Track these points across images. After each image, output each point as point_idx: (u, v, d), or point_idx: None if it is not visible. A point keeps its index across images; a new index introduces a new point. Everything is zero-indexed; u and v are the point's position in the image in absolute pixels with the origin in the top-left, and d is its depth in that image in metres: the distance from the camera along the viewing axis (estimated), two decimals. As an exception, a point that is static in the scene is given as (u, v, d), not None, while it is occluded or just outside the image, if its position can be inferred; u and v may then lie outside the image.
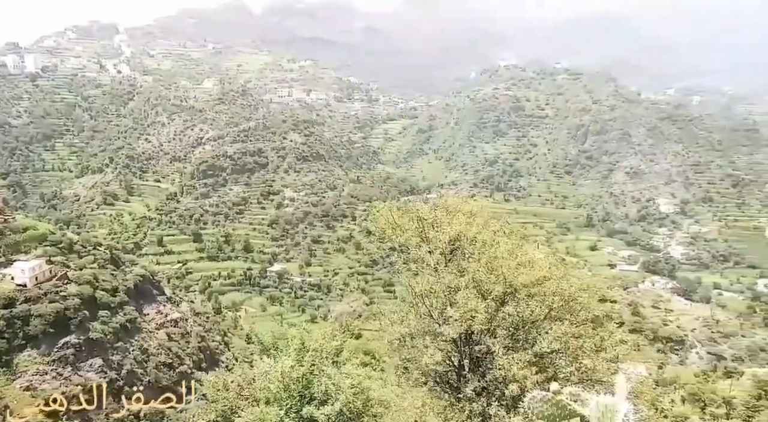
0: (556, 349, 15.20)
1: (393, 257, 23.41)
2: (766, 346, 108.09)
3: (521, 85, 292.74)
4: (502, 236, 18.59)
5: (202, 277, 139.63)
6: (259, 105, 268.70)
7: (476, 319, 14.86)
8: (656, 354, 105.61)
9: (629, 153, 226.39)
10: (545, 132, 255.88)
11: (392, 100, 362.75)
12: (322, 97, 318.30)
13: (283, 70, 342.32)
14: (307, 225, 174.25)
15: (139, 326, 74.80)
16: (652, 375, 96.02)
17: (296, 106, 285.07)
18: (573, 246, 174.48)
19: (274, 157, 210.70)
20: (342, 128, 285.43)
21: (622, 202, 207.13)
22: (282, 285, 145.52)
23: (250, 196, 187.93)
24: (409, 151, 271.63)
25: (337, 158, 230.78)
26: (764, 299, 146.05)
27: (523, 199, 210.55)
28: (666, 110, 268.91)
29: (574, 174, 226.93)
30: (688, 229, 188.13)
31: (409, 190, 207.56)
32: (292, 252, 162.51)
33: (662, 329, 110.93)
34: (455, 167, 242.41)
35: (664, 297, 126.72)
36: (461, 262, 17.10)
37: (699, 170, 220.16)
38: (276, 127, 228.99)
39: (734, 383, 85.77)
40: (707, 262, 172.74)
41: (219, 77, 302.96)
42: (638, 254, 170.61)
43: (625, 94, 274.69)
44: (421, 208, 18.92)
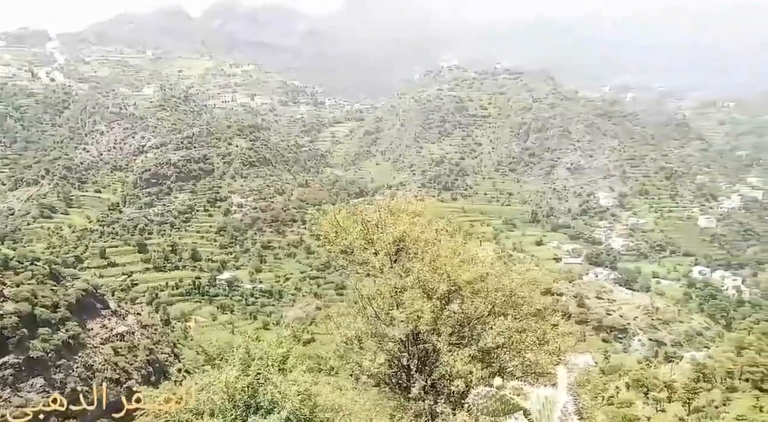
0: (500, 344, 15.41)
1: (339, 261, 23.32)
2: (703, 331, 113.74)
3: (464, 86, 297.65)
4: (444, 234, 18.81)
5: (148, 288, 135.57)
6: (202, 111, 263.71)
7: (422, 319, 15.05)
8: (602, 343, 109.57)
9: (569, 149, 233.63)
10: (489, 131, 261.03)
11: (338, 103, 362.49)
12: (267, 101, 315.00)
13: (225, 74, 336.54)
14: (256, 231, 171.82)
15: (82, 342, 72.01)
16: (599, 363, 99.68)
17: (241, 111, 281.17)
18: (520, 241, 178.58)
19: (220, 163, 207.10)
20: (288, 132, 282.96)
21: (565, 197, 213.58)
22: (232, 293, 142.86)
23: (197, 203, 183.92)
24: (356, 154, 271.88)
25: (285, 162, 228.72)
26: (699, 286, 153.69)
27: (470, 197, 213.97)
28: (602, 107, 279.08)
29: (518, 171, 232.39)
30: (626, 221, 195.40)
31: (358, 193, 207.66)
32: (241, 259, 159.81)
33: (606, 319, 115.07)
34: (403, 168, 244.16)
35: (606, 288, 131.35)
36: (406, 263, 17.19)
37: (634, 164, 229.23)
38: (221, 133, 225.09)
39: (674, 367, 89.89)
40: (645, 252, 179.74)
41: (159, 83, 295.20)
42: (581, 247, 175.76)
43: (564, 92, 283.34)
44: (364, 210, 18.98)
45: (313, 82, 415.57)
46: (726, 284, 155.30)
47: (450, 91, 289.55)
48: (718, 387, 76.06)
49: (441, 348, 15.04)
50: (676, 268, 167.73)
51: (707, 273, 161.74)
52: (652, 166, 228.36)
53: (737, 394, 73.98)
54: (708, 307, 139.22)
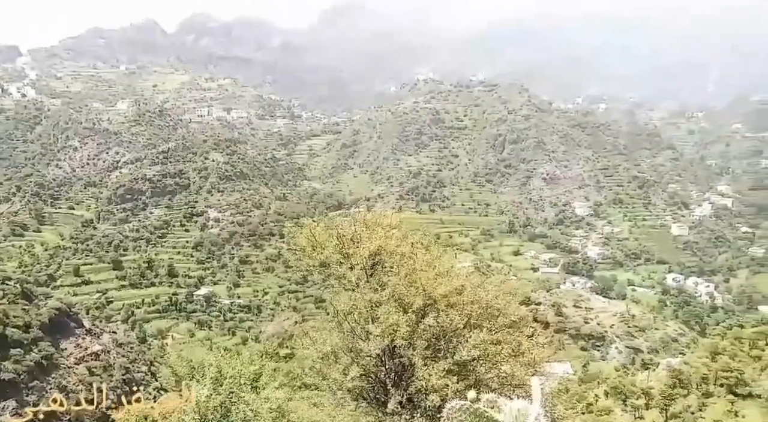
0: (476, 357, 15.45)
1: (316, 275, 23.28)
2: (678, 337, 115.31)
3: (440, 98, 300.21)
4: (420, 248, 18.86)
5: (124, 306, 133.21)
6: (177, 125, 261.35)
7: (398, 333, 15.06)
8: (580, 351, 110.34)
9: (544, 160, 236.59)
10: (465, 143, 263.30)
11: (315, 116, 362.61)
12: (243, 115, 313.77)
13: (201, 89, 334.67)
14: (233, 245, 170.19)
15: (56, 362, 70.27)
16: (577, 372, 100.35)
17: (217, 125, 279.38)
18: (497, 251, 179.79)
19: (196, 178, 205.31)
20: (265, 146, 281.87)
21: (541, 207, 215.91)
22: (210, 309, 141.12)
23: (173, 218, 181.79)
24: (334, 166, 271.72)
25: (262, 176, 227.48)
26: (673, 293, 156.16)
27: (448, 209, 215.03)
28: (575, 118, 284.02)
29: (494, 182, 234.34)
30: (602, 230, 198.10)
31: (336, 205, 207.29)
32: (219, 275, 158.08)
33: (584, 327, 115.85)
34: (381, 180, 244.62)
35: (584, 297, 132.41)
36: (382, 277, 17.20)
37: (608, 174, 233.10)
38: (197, 147, 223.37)
39: (651, 374, 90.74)
40: (621, 261, 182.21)
41: (134, 98, 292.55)
42: (558, 256, 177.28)
43: (538, 103, 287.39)
44: (340, 224, 18.96)
45: (290, 95, 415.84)
46: (699, 290, 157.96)
47: (426, 104, 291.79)
48: (693, 393, 76.83)
49: (417, 363, 15.06)
50: (651, 276, 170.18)
51: (681, 280, 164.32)
52: (626, 176, 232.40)
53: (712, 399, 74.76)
54: (682, 314, 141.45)
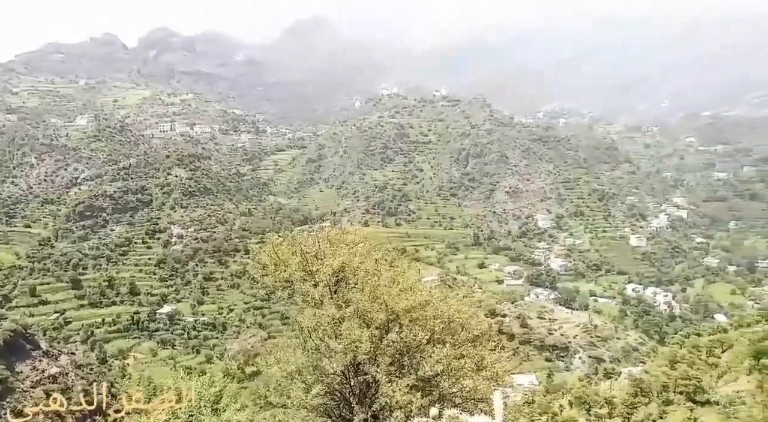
0: (439, 372, 15.57)
1: (279, 293, 22.99)
2: (638, 346, 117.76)
3: (404, 113, 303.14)
4: (384, 264, 18.99)
5: (83, 326, 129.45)
6: (139, 141, 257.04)
7: (360, 349, 15.11)
8: (545, 362, 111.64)
9: (507, 173, 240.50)
10: (430, 157, 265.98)
11: (280, 131, 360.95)
12: (207, 130, 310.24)
13: (163, 104, 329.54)
14: (197, 262, 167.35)
15: (11, 386, 68.20)
16: (543, 382, 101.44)
17: (180, 141, 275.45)
18: (463, 264, 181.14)
19: (159, 194, 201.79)
20: (230, 161, 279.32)
21: (505, 219, 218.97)
22: (173, 327, 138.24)
23: (134, 235, 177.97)
24: (300, 181, 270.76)
25: (227, 191, 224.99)
26: (633, 303, 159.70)
27: (414, 222, 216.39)
28: (537, 132, 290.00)
29: (459, 195, 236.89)
30: (564, 242, 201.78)
31: (302, 220, 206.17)
32: (182, 292, 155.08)
33: (548, 338, 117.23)
34: (347, 195, 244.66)
35: (547, 308, 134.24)
36: (346, 293, 17.25)
37: (569, 187, 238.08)
38: (159, 163, 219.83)
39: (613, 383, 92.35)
40: (583, 272, 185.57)
41: (93, 113, 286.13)
42: (522, 268, 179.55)
43: (500, 118, 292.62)
44: (303, 241, 18.95)
45: (254, 110, 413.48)
46: (658, 300, 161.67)
47: (391, 119, 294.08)
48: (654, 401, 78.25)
49: (381, 379, 15.10)
50: (612, 286, 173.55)
51: (640, 290, 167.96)
52: (586, 188, 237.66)
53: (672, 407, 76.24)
54: (642, 323, 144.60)
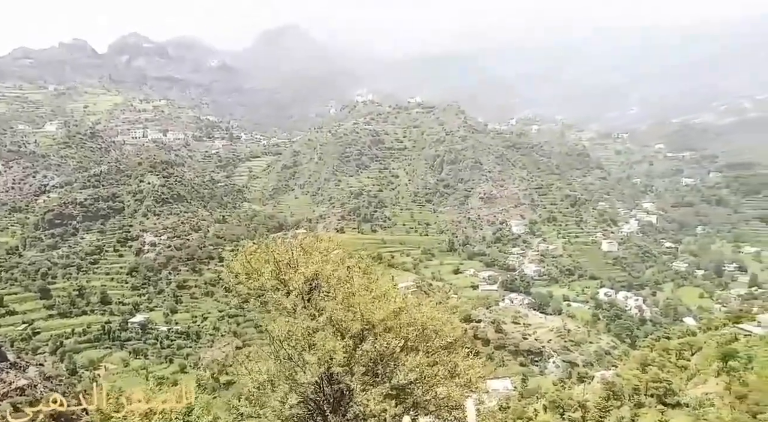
0: (413, 380, 15.57)
1: (252, 302, 22.74)
2: (610, 350, 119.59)
3: (379, 120, 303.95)
4: (357, 271, 18.94)
5: (52, 337, 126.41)
6: (110, 147, 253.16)
7: (335, 360, 15.06)
8: (519, 367, 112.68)
9: (481, 180, 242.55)
10: (405, 163, 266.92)
11: (254, 138, 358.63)
12: (180, 136, 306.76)
13: (135, 110, 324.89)
14: (171, 270, 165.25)
15: (-26, 401, 65.87)
16: (518, 387, 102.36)
17: (152, 147, 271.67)
18: (438, 270, 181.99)
19: (131, 201, 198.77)
20: (204, 167, 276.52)
21: (479, 225, 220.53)
22: (146, 337, 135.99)
23: (106, 243, 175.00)
24: (275, 188, 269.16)
25: (200, 198, 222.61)
26: (605, 307, 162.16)
27: (390, 229, 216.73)
28: (510, 139, 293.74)
29: (434, 202, 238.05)
30: (537, 247, 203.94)
31: (277, 227, 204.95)
32: (155, 301, 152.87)
33: (523, 343, 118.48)
34: (322, 201, 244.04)
35: (522, 313, 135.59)
36: (319, 302, 17.16)
37: (542, 193, 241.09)
38: (131, 170, 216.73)
39: (587, 387, 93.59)
40: (556, 277, 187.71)
41: (63, 120, 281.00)
42: (497, 274, 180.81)
43: (474, 125, 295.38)
44: (276, 249, 18.77)
45: (228, 117, 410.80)
46: (629, 304, 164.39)
47: (366, 125, 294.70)
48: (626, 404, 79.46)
49: (355, 388, 15.08)
50: (584, 291, 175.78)
51: (612, 294, 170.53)
52: (558, 194, 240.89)
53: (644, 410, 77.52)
54: (614, 327, 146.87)
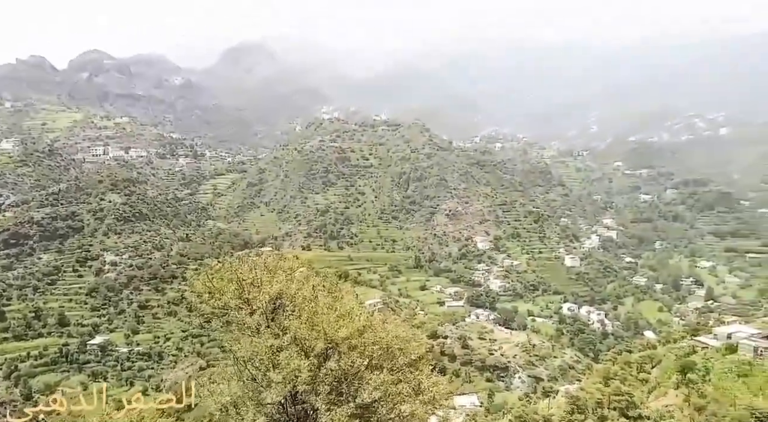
0: (377, 398, 15.61)
1: (214, 322, 22.42)
2: (574, 364, 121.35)
3: (345, 137, 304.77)
4: (322, 290, 18.99)
5: (6, 360, 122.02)
6: (70, 165, 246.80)
7: (300, 379, 15.05)
8: (486, 382, 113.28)
9: (447, 196, 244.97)
10: (371, 180, 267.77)
11: (219, 155, 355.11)
12: (143, 154, 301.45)
13: (96, 127, 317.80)
14: (132, 290, 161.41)
15: None
16: (484, 403, 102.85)
17: (114, 165, 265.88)
18: (405, 287, 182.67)
19: (91, 220, 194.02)
20: (167, 185, 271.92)
21: (445, 242, 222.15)
22: (106, 359, 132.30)
23: (64, 263, 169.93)
24: (240, 205, 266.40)
25: (163, 216, 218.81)
26: (569, 321, 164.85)
27: (356, 246, 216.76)
28: (474, 156, 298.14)
29: (400, 218, 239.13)
30: (502, 263, 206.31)
31: (242, 245, 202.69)
32: (116, 321, 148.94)
33: (489, 358, 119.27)
34: (288, 218, 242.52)
35: (487, 328, 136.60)
36: (283, 321, 17.13)
37: (506, 209, 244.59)
38: (92, 188, 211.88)
39: (551, 401, 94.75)
40: (520, 292, 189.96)
41: (20, 137, 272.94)
42: (463, 290, 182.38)
43: (439, 142, 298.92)
44: (240, 268, 18.68)
45: (192, 134, 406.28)
46: (591, 318, 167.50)
47: (332, 143, 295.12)
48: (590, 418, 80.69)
49: (320, 408, 15.09)
50: (548, 306, 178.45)
51: (575, 309, 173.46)
52: (522, 211, 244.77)
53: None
54: (578, 341, 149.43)
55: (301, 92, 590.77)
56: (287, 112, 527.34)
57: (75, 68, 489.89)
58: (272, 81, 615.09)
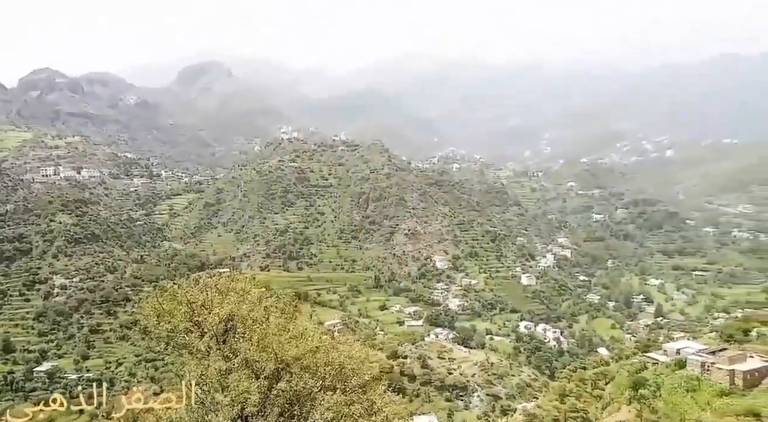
0: (330, 419, 15.75)
1: (163, 345, 21.92)
2: (531, 382, 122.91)
3: (304, 157, 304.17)
4: (274, 311, 19.03)
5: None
6: (18, 185, 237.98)
7: (249, 401, 15.04)
8: (445, 402, 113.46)
9: (406, 216, 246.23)
10: (330, 200, 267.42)
11: (175, 175, 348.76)
12: (96, 174, 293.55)
13: (47, 147, 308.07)
14: (83, 313, 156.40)
15: None
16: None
17: (65, 185, 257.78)
18: (365, 307, 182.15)
19: (40, 242, 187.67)
20: (121, 206, 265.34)
21: (404, 261, 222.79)
22: (53, 386, 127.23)
23: (10, 287, 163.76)
24: (197, 226, 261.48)
25: (117, 238, 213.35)
26: (525, 339, 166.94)
27: (316, 266, 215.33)
28: (432, 177, 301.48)
29: (360, 238, 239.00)
30: (460, 282, 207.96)
31: (199, 266, 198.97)
32: (65, 347, 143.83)
33: (448, 378, 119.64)
34: (247, 239, 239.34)
35: (447, 348, 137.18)
36: (234, 343, 17.11)
37: (464, 229, 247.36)
38: (41, 209, 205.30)
39: (509, 420, 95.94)
40: (479, 311, 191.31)
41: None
42: (422, 309, 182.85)
43: (397, 163, 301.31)
44: (191, 290, 18.58)
45: (148, 154, 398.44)
46: (548, 336, 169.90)
47: (291, 162, 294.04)
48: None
49: (270, 430, 15.10)
50: (506, 324, 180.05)
51: (531, 327, 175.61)
52: (479, 230, 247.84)
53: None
54: (534, 359, 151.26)
55: (259, 112, 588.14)
56: (246, 132, 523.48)
57: (25, 86, 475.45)
58: (230, 100, 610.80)
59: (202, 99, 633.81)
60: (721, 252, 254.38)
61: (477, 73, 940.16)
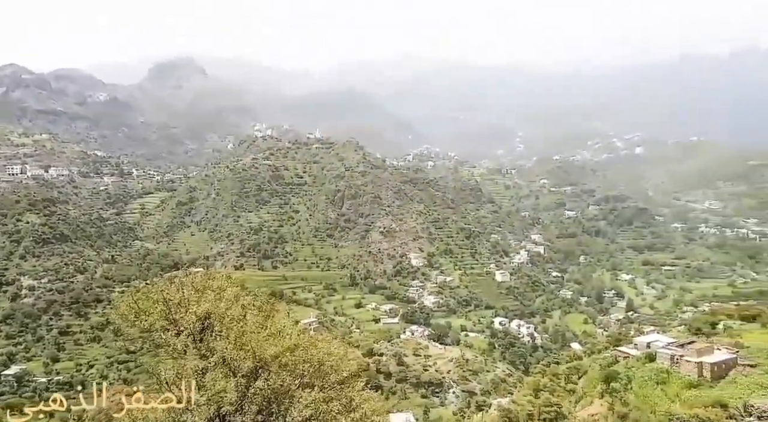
0: (308, 417, 15.66)
1: (139, 344, 21.62)
2: (506, 378, 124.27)
3: (279, 155, 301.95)
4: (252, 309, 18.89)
5: None
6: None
7: (225, 400, 14.92)
8: (421, 399, 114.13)
9: (381, 214, 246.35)
10: (305, 198, 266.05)
11: (147, 173, 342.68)
12: (65, 172, 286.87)
13: (13, 145, 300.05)
14: (52, 315, 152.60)
15: None
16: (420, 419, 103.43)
17: (32, 184, 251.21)
18: (341, 305, 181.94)
19: (6, 242, 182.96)
20: (91, 205, 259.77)
21: (380, 259, 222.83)
22: (22, 390, 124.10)
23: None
24: (169, 225, 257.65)
25: (87, 237, 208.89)
26: (500, 335, 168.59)
27: (291, 264, 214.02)
28: (407, 174, 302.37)
29: (335, 236, 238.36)
30: (435, 280, 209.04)
31: (172, 265, 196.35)
32: (33, 350, 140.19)
33: (424, 374, 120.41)
34: (220, 238, 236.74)
35: (422, 345, 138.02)
36: (211, 342, 16.96)
37: (439, 226, 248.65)
38: (7, 208, 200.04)
39: (484, 415, 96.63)
40: (454, 308, 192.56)
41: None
42: (398, 307, 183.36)
43: (372, 161, 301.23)
44: (166, 288, 18.35)
45: (118, 152, 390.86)
46: (522, 332, 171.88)
47: (265, 160, 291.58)
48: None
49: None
50: (480, 320, 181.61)
51: (506, 323, 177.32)
52: (454, 227, 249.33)
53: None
54: (509, 355, 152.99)
55: (232, 109, 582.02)
56: (219, 130, 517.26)
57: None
58: (203, 97, 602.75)
59: (174, 96, 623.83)
60: (689, 248, 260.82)
61: (458, 74, 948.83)
